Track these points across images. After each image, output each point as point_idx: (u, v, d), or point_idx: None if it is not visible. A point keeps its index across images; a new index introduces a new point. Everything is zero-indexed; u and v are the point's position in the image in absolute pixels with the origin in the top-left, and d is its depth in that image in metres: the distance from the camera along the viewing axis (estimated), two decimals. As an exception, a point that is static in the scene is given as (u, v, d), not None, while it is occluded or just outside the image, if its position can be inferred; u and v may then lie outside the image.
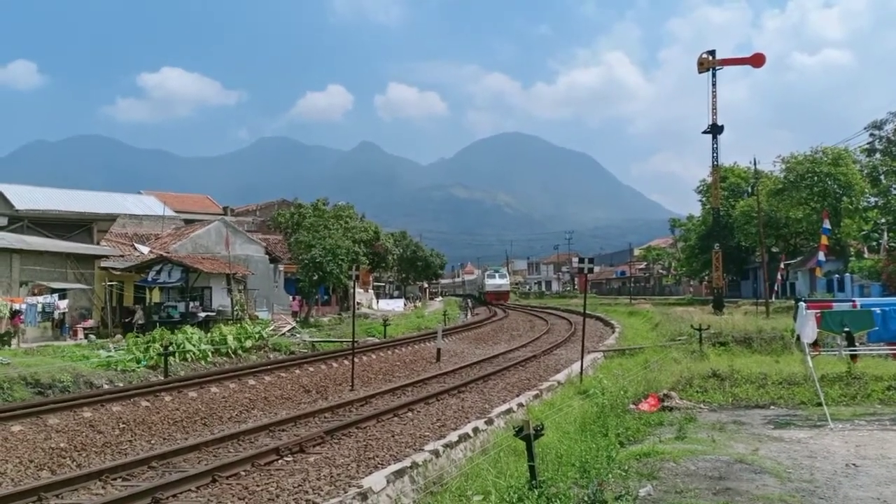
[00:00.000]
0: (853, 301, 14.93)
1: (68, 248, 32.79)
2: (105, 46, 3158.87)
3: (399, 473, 9.26)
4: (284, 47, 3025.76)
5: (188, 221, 50.75)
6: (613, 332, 34.63)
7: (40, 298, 28.73)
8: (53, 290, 29.89)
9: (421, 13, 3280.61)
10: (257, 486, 10.45)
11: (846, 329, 13.45)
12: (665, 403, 14.08)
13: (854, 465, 9.40)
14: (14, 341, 26.03)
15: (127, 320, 32.56)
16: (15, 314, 26.47)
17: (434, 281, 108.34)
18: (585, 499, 7.55)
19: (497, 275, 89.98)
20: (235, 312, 34.51)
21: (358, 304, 48.19)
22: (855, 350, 14.53)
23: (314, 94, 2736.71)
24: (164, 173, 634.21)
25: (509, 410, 13.92)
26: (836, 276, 46.56)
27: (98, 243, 36.38)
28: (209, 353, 24.82)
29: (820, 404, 12.68)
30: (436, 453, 10.33)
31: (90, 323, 31.63)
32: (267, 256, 44.96)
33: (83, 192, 56.01)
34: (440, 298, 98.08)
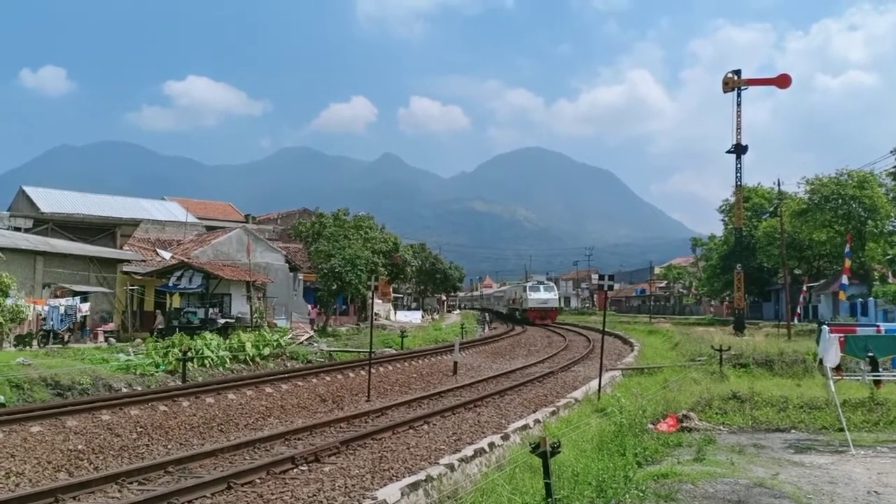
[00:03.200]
0: (877, 326, 14.72)
1: (91, 252, 33.17)
2: (132, 54, 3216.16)
3: (414, 486, 9.21)
4: (310, 59, 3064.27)
5: (210, 228, 51.29)
6: (632, 351, 34.32)
7: (62, 301, 29.06)
8: (75, 293, 30.22)
9: (443, 30, 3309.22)
10: (272, 494, 10.44)
11: (870, 354, 13.27)
12: (684, 424, 13.94)
13: (876, 492, 9.23)
14: (34, 342, 26.34)
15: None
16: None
17: (452, 294, 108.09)
18: (602, 518, 7.48)
19: (542, 287, 72.10)
20: (254, 320, 34.69)
21: (376, 314, 48.25)
22: (879, 375, 14.32)
23: (338, 106, 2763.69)
24: (187, 180, 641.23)
25: (525, 426, 13.82)
26: (860, 300, 45.94)
27: (121, 247, 36.79)
28: (227, 360, 24.96)
29: (842, 430, 12.50)
30: (451, 467, 10.27)
31: (111, 326, 31.92)
32: (287, 265, 45.22)
33: (107, 196, 56.84)
34: (458, 311, 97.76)
